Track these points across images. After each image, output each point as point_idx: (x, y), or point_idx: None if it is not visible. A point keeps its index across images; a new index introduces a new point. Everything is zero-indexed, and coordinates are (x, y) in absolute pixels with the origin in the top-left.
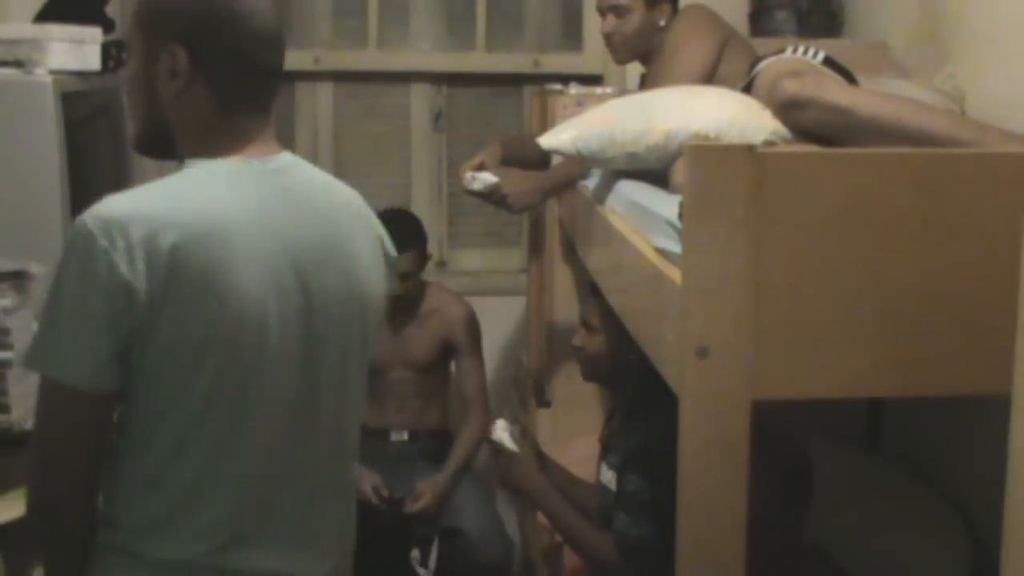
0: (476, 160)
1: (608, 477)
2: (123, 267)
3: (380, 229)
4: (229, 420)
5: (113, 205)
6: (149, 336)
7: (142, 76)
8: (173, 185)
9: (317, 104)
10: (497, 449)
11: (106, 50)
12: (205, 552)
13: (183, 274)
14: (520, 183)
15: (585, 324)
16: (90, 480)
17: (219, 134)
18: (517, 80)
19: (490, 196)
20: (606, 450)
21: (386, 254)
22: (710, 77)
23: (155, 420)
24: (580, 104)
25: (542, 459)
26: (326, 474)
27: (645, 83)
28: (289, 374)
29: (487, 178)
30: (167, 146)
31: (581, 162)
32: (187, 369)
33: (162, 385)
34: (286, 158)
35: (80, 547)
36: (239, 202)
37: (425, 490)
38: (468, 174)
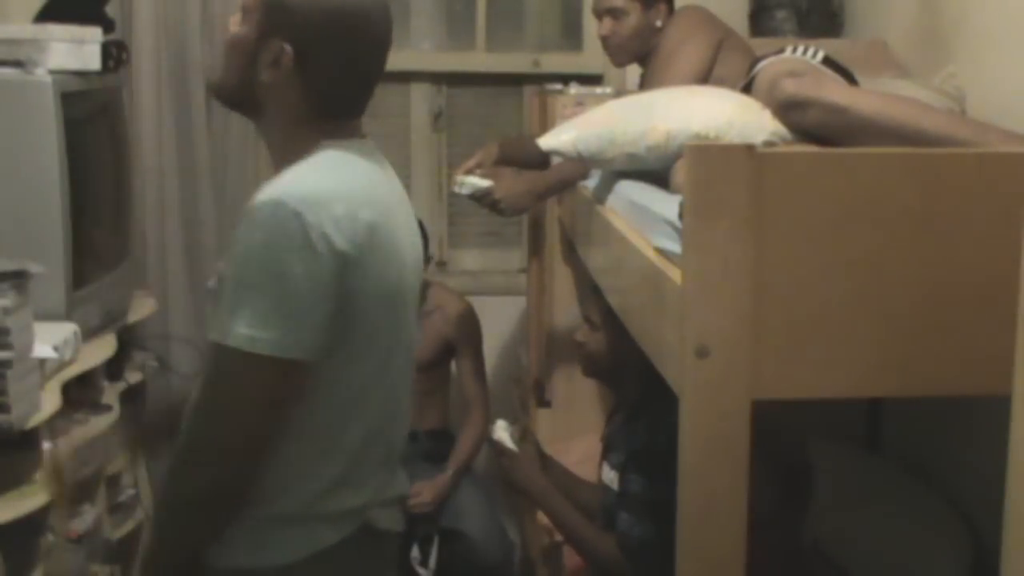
0: (471, 162)
1: (610, 477)
2: (336, 239)
3: None
4: (396, 375)
5: (304, 185)
6: (352, 301)
7: (249, 49)
8: (337, 166)
9: None
10: (499, 449)
11: (106, 50)
12: (373, 491)
13: (377, 245)
14: (513, 186)
15: (588, 320)
16: (267, 449)
17: (310, 128)
18: (517, 80)
19: (481, 200)
20: (608, 449)
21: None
22: (706, 77)
23: (334, 383)
24: (580, 104)
25: (544, 459)
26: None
27: (642, 84)
28: (413, 324)
29: (476, 182)
30: (246, 108)
31: (581, 163)
32: (372, 331)
33: (350, 347)
34: (370, 141)
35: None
36: (381, 178)
37: (424, 488)
38: (458, 178)
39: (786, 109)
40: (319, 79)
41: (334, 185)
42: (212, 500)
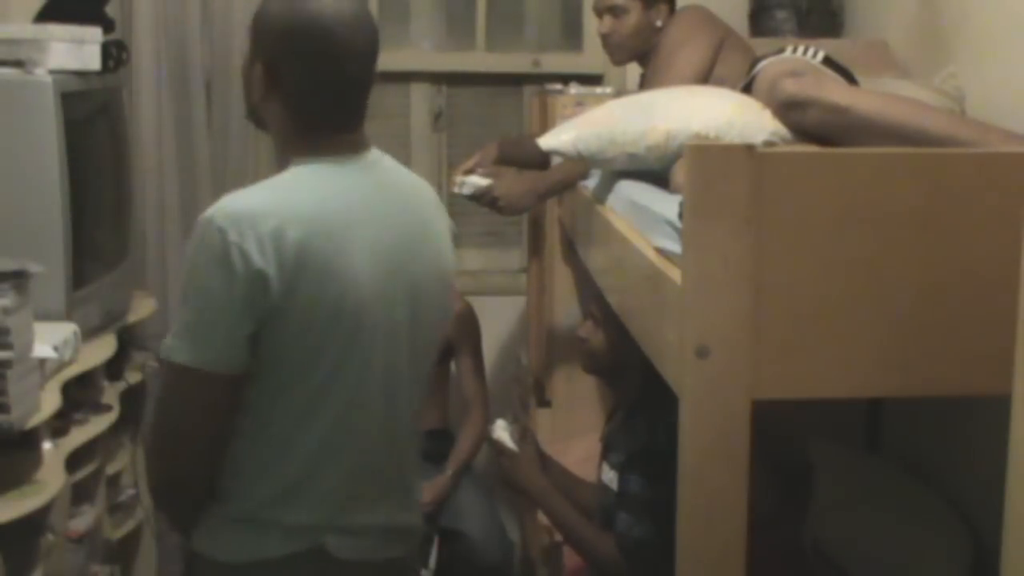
0: (469, 162)
1: (610, 477)
2: (256, 257)
3: (445, 211)
4: (351, 391)
5: (238, 202)
6: (281, 318)
7: (246, 71)
8: (288, 183)
9: None
10: (498, 449)
11: (106, 50)
12: (331, 512)
13: (309, 263)
14: (514, 185)
15: (591, 316)
16: (214, 457)
17: (297, 143)
18: (517, 80)
19: (481, 199)
20: (608, 449)
21: (455, 235)
22: (706, 78)
23: (282, 395)
24: (580, 104)
25: (543, 459)
26: (411, 437)
27: (643, 83)
28: (398, 348)
29: (477, 181)
30: (263, 128)
31: (581, 163)
32: (314, 347)
33: (291, 361)
34: (373, 153)
35: (196, 514)
36: (346, 196)
37: (423, 488)
38: (458, 178)
39: (786, 109)
40: (291, 95)
41: (268, 202)
42: (154, 489)
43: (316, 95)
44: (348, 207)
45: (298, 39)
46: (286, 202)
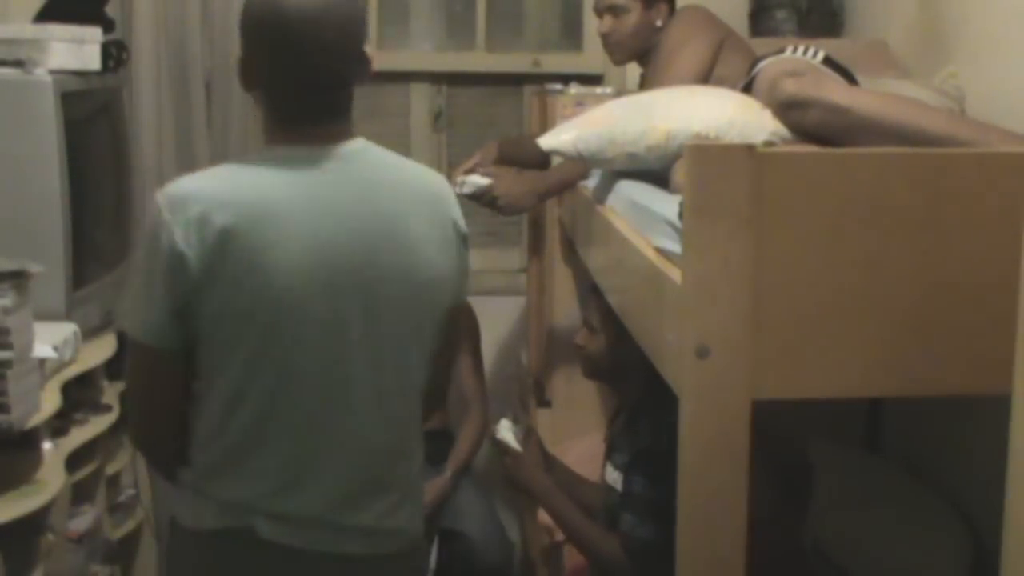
0: (469, 162)
1: (614, 477)
2: (179, 238)
3: (454, 210)
4: (275, 379)
5: (180, 184)
6: (200, 301)
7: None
8: (234, 168)
9: None
10: (502, 449)
11: (106, 50)
12: (260, 495)
13: (232, 250)
14: (514, 185)
15: (587, 324)
16: (171, 420)
17: (274, 133)
18: (517, 80)
19: (481, 198)
20: (611, 450)
21: (461, 235)
22: (707, 78)
23: (214, 374)
24: (580, 104)
25: (547, 458)
26: (391, 439)
27: (643, 84)
28: (347, 345)
29: (477, 181)
30: None
31: (581, 163)
32: (234, 333)
33: (215, 345)
34: (353, 144)
35: (173, 467)
36: (293, 186)
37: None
38: (458, 178)
39: (786, 109)
40: (263, 87)
41: (202, 187)
42: (138, 449)
43: (282, 87)
44: (288, 197)
45: (263, 32)
46: (219, 188)
